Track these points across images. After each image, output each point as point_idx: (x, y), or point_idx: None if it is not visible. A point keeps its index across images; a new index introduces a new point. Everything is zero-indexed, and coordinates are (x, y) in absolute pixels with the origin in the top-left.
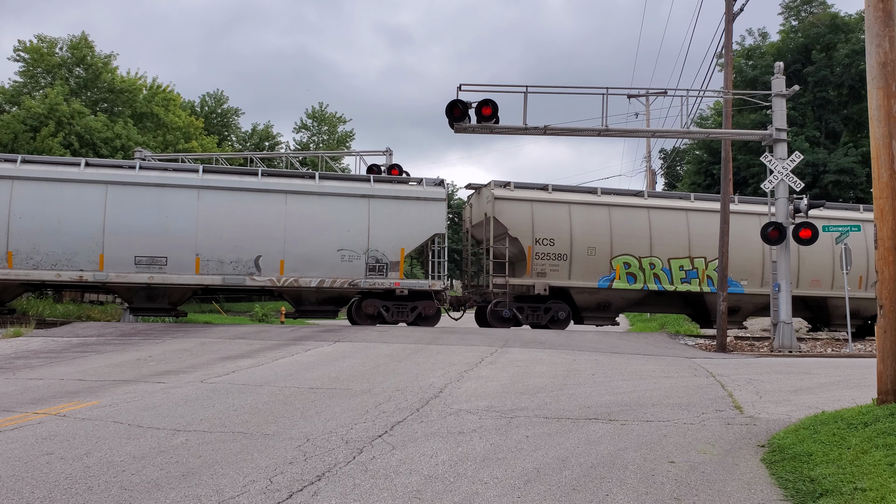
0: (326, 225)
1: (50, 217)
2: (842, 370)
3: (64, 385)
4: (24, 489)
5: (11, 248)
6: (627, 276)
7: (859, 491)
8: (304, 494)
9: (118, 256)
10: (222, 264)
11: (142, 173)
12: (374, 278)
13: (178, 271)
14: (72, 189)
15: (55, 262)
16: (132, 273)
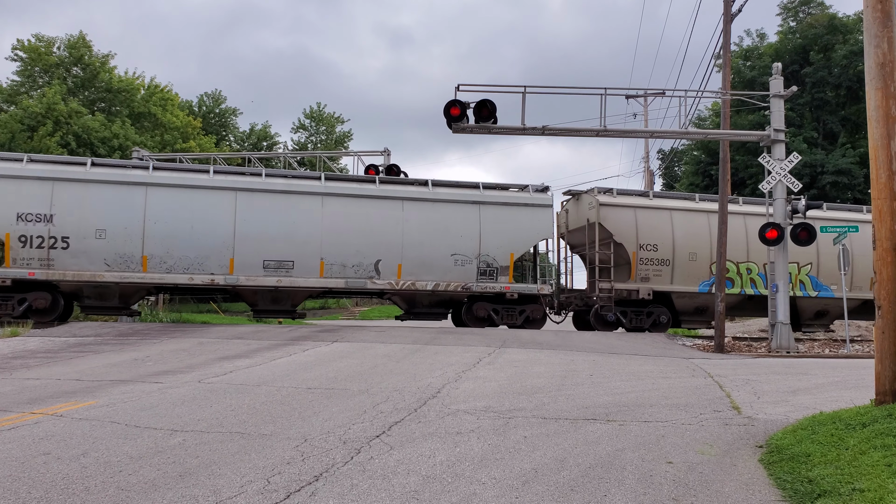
0: (441, 230)
1: (183, 222)
2: (840, 371)
3: (61, 385)
4: (20, 489)
5: (146, 253)
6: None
7: (857, 492)
8: (302, 495)
9: (247, 260)
10: (345, 268)
11: (268, 180)
12: (485, 282)
13: (304, 275)
14: (203, 195)
15: (187, 265)
16: (261, 276)
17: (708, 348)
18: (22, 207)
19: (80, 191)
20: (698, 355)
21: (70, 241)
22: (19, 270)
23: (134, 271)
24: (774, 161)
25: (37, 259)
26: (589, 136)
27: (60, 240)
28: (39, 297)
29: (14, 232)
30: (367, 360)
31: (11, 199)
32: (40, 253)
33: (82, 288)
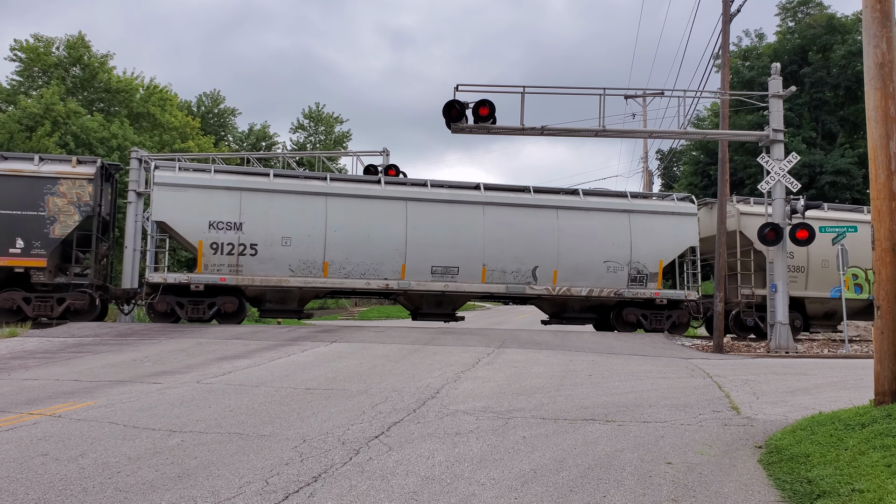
0: (593, 238)
1: (360, 230)
2: (839, 371)
3: (59, 385)
4: (18, 490)
5: (327, 259)
6: (854, 286)
7: (857, 492)
8: (301, 496)
9: (417, 266)
10: (504, 274)
11: (433, 190)
12: (636, 288)
13: (468, 280)
14: (376, 205)
15: (364, 271)
16: (429, 282)
17: (707, 348)
18: (213, 216)
19: (266, 200)
20: (697, 355)
21: (258, 248)
22: (211, 276)
23: (315, 276)
24: (773, 161)
25: (227, 265)
26: (588, 136)
27: (249, 247)
28: (228, 301)
29: (206, 239)
30: (366, 360)
31: (204, 208)
32: (230, 259)
33: (266, 292)
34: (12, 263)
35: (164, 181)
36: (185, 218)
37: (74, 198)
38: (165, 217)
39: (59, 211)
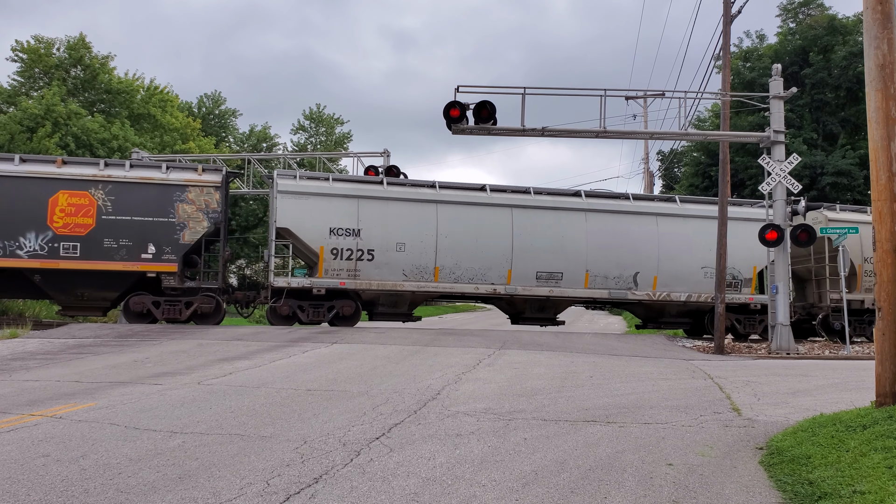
0: (691, 244)
1: (469, 237)
2: (840, 372)
3: (60, 387)
4: (19, 491)
5: (438, 264)
6: None
7: (858, 494)
8: (302, 497)
9: (523, 272)
10: (607, 279)
11: (536, 198)
12: (731, 293)
13: (571, 285)
14: (484, 212)
15: (472, 276)
16: (534, 287)
17: (708, 350)
18: (333, 223)
19: (381, 207)
20: (698, 357)
21: (375, 254)
22: (331, 280)
23: (427, 281)
24: (774, 162)
25: (345, 270)
26: (588, 137)
27: (366, 252)
28: (346, 304)
29: (327, 245)
30: (367, 361)
31: (324, 215)
32: (349, 265)
33: (380, 296)
34: (145, 268)
35: (286, 189)
36: (307, 225)
37: (203, 205)
38: (289, 224)
39: (188, 217)
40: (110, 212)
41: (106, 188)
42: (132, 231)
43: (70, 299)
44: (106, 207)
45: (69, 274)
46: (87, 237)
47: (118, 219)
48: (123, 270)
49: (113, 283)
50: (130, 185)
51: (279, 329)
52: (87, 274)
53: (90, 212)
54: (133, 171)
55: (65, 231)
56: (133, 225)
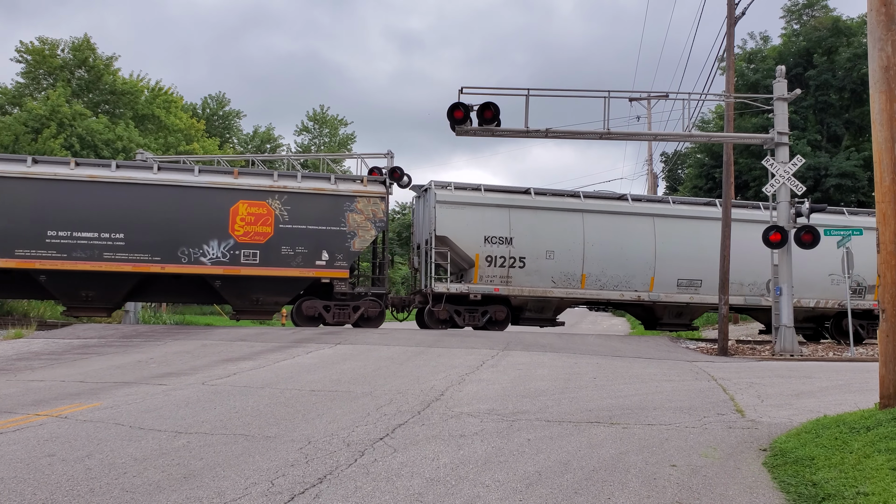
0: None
1: (614, 245)
2: (843, 374)
3: (65, 387)
4: (25, 490)
5: (585, 272)
6: None
7: (862, 495)
8: (306, 497)
9: (664, 279)
10: (742, 286)
11: (676, 207)
12: (855, 300)
13: (710, 292)
14: (628, 221)
15: (617, 283)
16: (675, 294)
17: (711, 351)
18: (487, 231)
19: (531, 217)
20: (702, 358)
21: (526, 261)
22: (486, 287)
23: (574, 288)
24: (778, 164)
25: (498, 277)
26: (592, 138)
27: (518, 260)
28: (499, 309)
29: (482, 253)
30: (371, 362)
31: (479, 224)
32: (501, 271)
33: (528, 302)
34: (319, 274)
35: (444, 199)
36: (464, 233)
37: (370, 214)
38: (447, 232)
39: (357, 226)
40: (287, 221)
41: (282, 198)
42: (307, 239)
43: (245, 303)
44: (283, 217)
45: (248, 280)
46: (265, 245)
47: (294, 227)
48: (299, 276)
49: (287, 288)
50: (303, 195)
51: (283, 330)
52: (265, 280)
53: (268, 221)
54: (304, 182)
55: (245, 239)
56: (308, 233)
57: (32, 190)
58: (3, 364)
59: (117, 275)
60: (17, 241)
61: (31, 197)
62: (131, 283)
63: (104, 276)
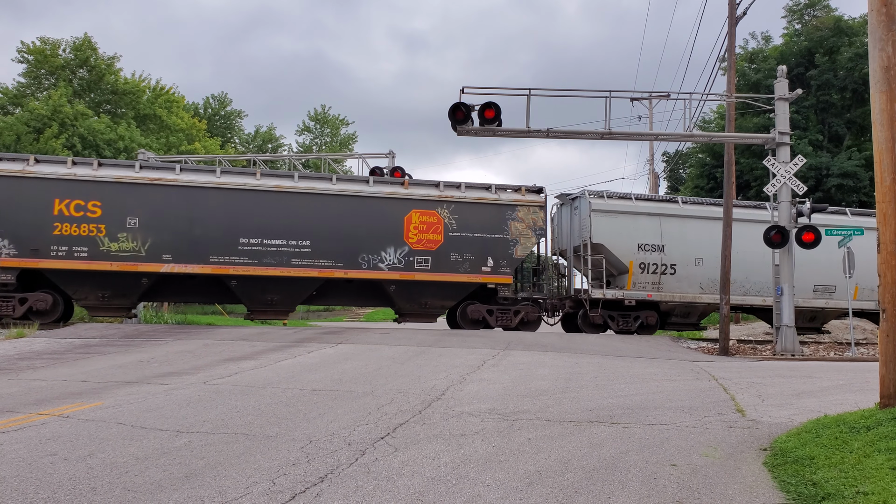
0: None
1: (757, 253)
2: (844, 374)
3: (67, 386)
4: (27, 489)
5: (731, 278)
6: None
7: (861, 495)
8: (307, 496)
9: (801, 285)
10: (872, 291)
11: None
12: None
13: (843, 297)
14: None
15: (760, 289)
16: (810, 299)
17: (712, 351)
18: (640, 239)
19: (679, 225)
20: (703, 358)
21: (676, 268)
22: (639, 293)
23: None
24: (779, 164)
25: (650, 283)
26: (593, 138)
27: (669, 266)
28: (650, 314)
29: (636, 260)
30: (372, 362)
31: (633, 232)
32: (653, 278)
33: (676, 307)
34: (485, 280)
35: (599, 208)
36: (618, 241)
37: (530, 222)
38: (602, 240)
39: (519, 234)
40: (455, 229)
41: (450, 207)
42: (474, 246)
43: (413, 307)
44: (451, 225)
45: (420, 284)
46: (436, 252)
47: (462, 235)
48: (466, 282)
49: (454, 292)
50: (468, 204)
51: (284, 330)
52: (436, 284)
53: (438, 229)
54: (468, 192)
55: (418, 246)
56: (474, 241)
57: (223, 199)
58: (5, 363)
59: (303, 280)
60: (212, 248)
61: (222, 206)
62: (313, 288)
63: (290, 280)
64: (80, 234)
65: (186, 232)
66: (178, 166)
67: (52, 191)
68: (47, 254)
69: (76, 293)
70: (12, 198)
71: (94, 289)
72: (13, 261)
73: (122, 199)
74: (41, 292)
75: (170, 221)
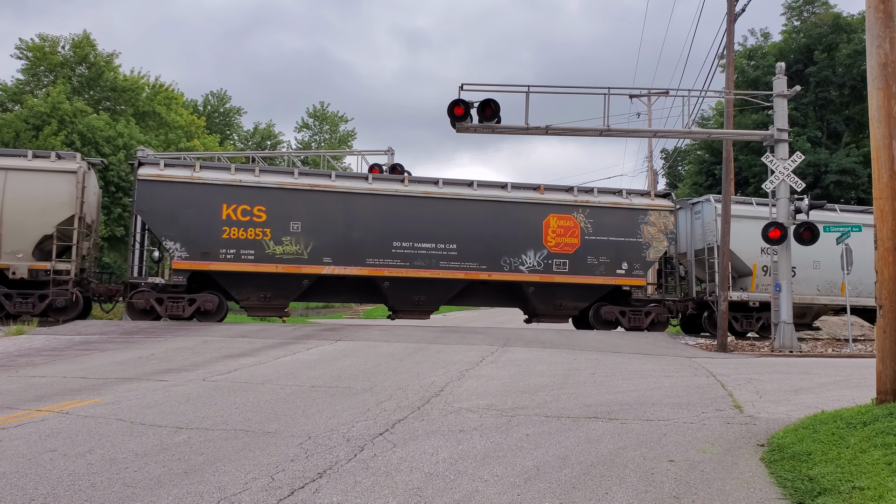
0: None
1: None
2: (842, 370)
3: (66, 382)
4: (27, 485)
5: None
6: None
7: (857, 490)
8: (306, 492)
9: None
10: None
11: None
12: None
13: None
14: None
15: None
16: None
17: (710, 347)
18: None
19: None
20: (701, 354)
21: (796, 271)
22: (762, 294)
23: (835, 295)
24: (778, 160)
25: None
26: (592, 135)
27: None
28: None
29: (759, 262)
30: (371, 358)
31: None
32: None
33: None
34: (620, 282)
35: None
36: (742, 245)
37: (662, 226)
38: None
39: (651, 238)
40: (591, 233)
41: (585, 212)
42: (608, 249)
43: (548, 308)
44: (587, 229)
45: (558, 286)
46: (574, 255)
47: (597, 239)
48: (602, 284)
49: (588, 294)
50: (602, 209)
51: (283, 326)
52: (572, 286)
53: (575, 233)
54: (601, 197)
55: (556, 249)
56: (609, 244)
57: (375, 204)
58: (4, 360)
59: (449, 281)
60: (368, 252)
61: (375, 211)
62: (458, 289)
63: (437, 282)
64: (247, 238)
65: (344, 235)
66: (332, 173)
67: (219, 196)
68: (217, 257)
69: (239, 294)
70: (183, 203)
71: (257, 290)
72: (185, 263)
73: (285, 204)
74: (207, 293)
75: (328, 226)
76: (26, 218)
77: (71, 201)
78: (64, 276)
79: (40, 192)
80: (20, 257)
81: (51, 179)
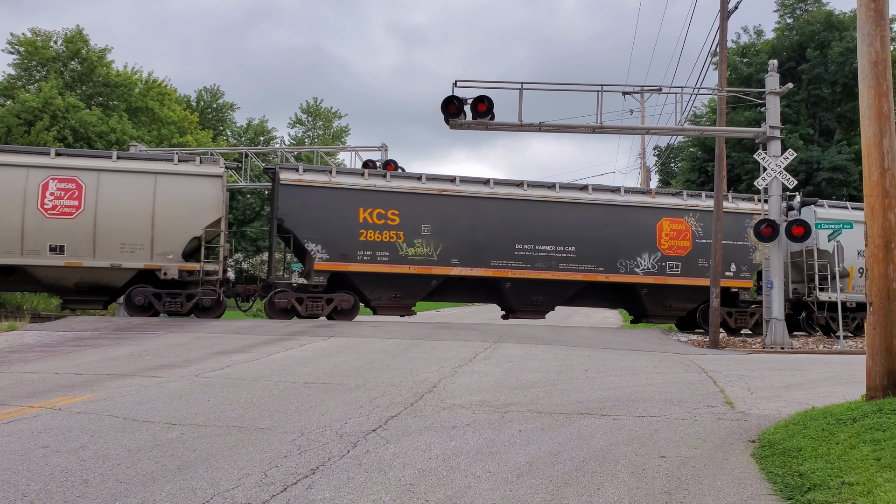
0: None
1: None
2: (832, 367)
3: (59, 379)
4: (20, 482)
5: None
6: None
7: (847, 485)
8: (299, 487)
9: None
10: None
11: None
12: None
13: None
14: None
15: None
16: None
17: (702, 344)
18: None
19: None
20: (693, 351)
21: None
22: (858, 295)
23: None
24: (770, 158)
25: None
26: (585, 132)
27: None
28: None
29: (856, 265)
30: (364, 355)
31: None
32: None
33: None
34: (729, 284)
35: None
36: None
37: None
38: (826, 246)
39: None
40: (701, 236)
41: (695, 216)
42: None
43: (658, 308)
44: (698, 232)
45: (669, 288)
46: (686, 258)
47: (708, 242)
48: None
49: (697, 296)
50: (711, 213)
51: (277, 323)
52: (683, 288)
53: (686, 236)
54: (709, 201)
55: (669, 252)
56: None
57: (497, 208)
58: None
59: (567, 283)
60: (492, 254)
61: (497, 214)
62: (574, 290)
63: (556, 283)
64: (381, 241)
65: (470, 238)
66: (457, 177)
67: (356, 200)
68: (354, 258)
69: (372, 293)
70: (323, 207)
71: (389, 290)
72: (326, 265)
73: (416, 207)
74: (343, 293)
75: (455, 229)
76: (176, 221)
77: (218, 204)
78: (212, 277)
79: (189, 196)
80: (170, 258)
81: (197, 183)
